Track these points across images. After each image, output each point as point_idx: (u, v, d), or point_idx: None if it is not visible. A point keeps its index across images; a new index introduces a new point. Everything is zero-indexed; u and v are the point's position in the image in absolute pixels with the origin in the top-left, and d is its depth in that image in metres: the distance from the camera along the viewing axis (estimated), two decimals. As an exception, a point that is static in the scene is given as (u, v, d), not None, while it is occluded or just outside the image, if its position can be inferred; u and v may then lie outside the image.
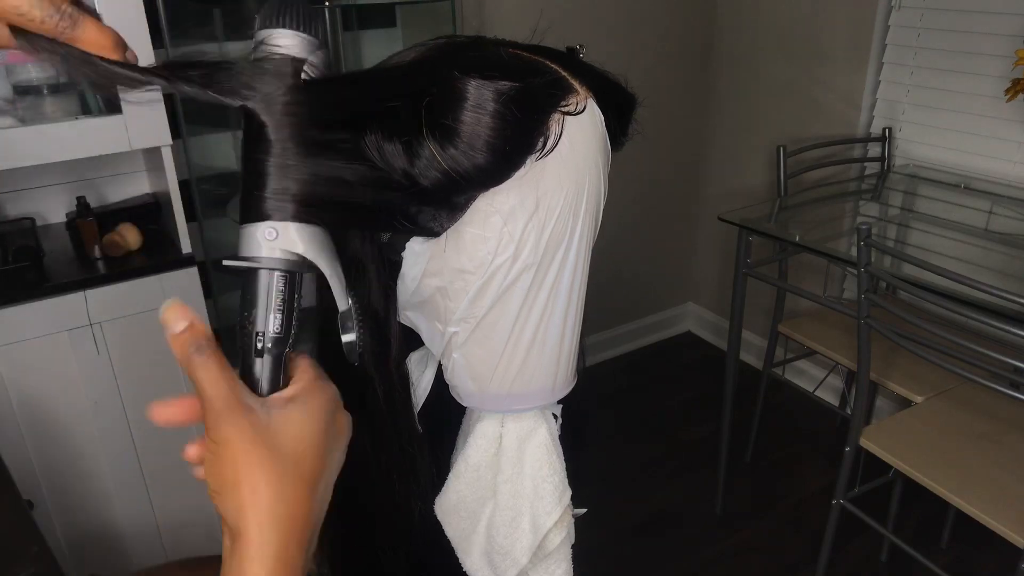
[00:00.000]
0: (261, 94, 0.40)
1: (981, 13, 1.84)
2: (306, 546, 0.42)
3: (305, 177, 0.42)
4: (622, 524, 2.02)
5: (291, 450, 0.41)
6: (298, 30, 0.43)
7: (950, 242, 1.68)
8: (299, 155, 0.41)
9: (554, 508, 0.57)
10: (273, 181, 0.41)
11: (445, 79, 0.45)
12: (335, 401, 0.44)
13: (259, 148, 0.41)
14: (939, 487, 1.38)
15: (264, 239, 0.42)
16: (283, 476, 0.40)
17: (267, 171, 0.41)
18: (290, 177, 0.41)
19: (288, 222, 0.42)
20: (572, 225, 0.51)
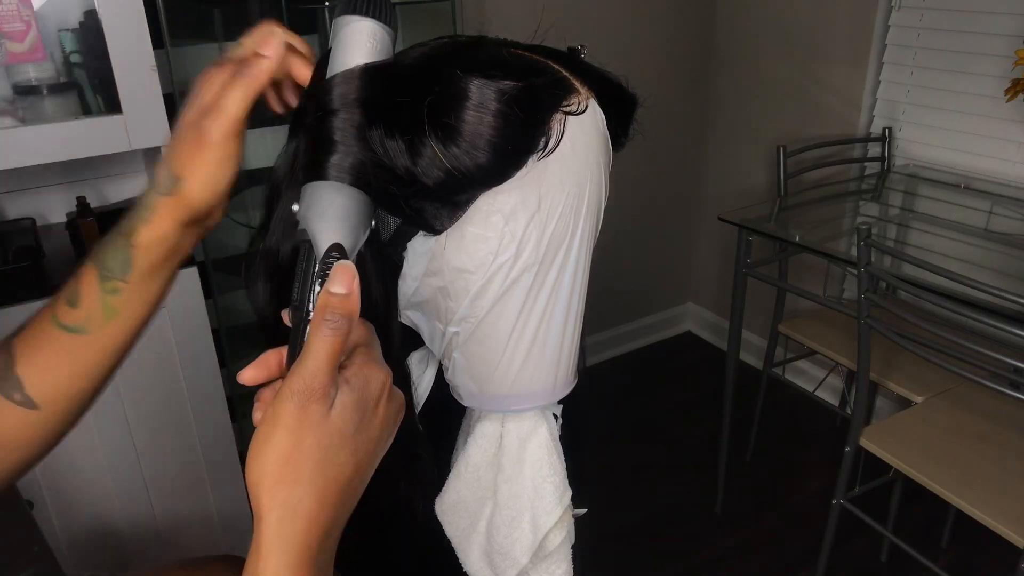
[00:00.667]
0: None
1: (981, 13, 1.84)
2: (330, 538, 0.42)
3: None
4: (622, 524, 2.02)
5: (338, 450, 0.41)
6: (379, 20, 0.47)
7: (950, 242, 1.68)
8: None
9: (554, 508, 0.57)
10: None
11: (448, 78, 0.45)
12: (384, 388, 0.44)
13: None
14: (939, 487, 1.38)
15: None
16: (319, 476, 0.40)
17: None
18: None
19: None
20: (573, 225, 0.51)
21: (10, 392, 0.55)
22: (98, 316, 0.53)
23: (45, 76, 1.45)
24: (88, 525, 1.57)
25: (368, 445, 0.43)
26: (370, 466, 0.44)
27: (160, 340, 1.53)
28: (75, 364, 0.55)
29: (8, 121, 1.39)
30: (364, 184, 0.46)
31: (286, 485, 0.39)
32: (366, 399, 0.42)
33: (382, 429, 0.44)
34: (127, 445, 1.55)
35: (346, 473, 0.42)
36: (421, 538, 0.64)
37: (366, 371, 0.43)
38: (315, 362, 0.40)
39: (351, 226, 0.45)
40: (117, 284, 0.53)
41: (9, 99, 1.43)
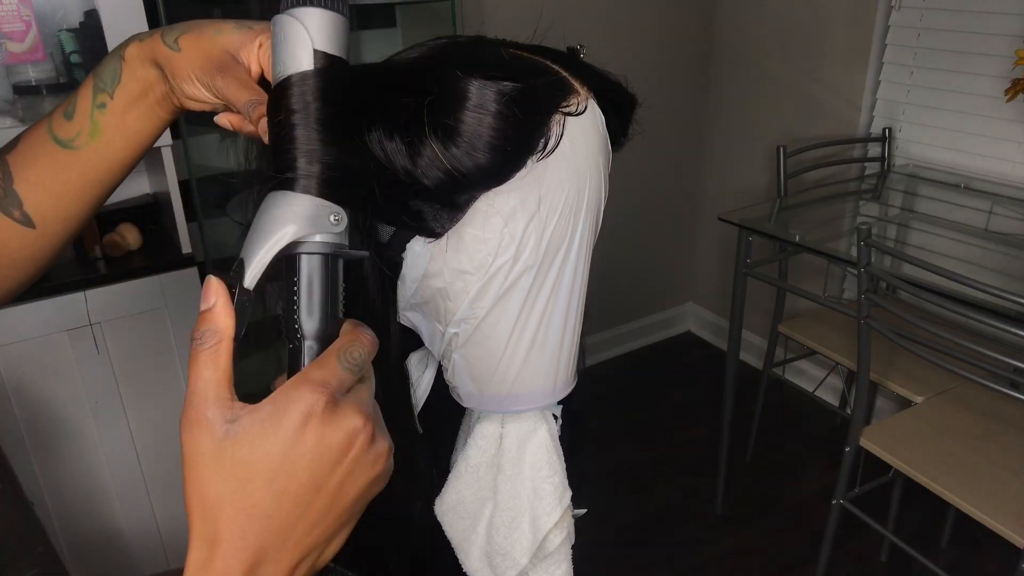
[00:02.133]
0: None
1: (981, 13, 1.84)
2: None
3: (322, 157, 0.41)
4: (622, 524, 2.02)
5: (241, 473, 0.36)
6: (327, 7, 0.42)
7: (950, 242, 1.68)
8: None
9: (554, 508, 0.57)
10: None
11: (447, 79, 0.45)
12: (305, 413, 0.36)
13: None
14: (939, 487, 1.38)
15: None
16: (221, 499, 0.36)
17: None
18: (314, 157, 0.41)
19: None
20: (573, 226, 0.51)
21: (10, 209, 0.55)
22: (86, 132, 0.53)
23: (45, 76, 1.45)
24: (88, 526, 1.57)
25: (303, 478, 0.36)
26: (314, 500, 0.37)
27: (160, 340, 1.53)
28: (65, 184, 0.55)
29: (8, 121, 1.39)
30: (329, 192, 0.41)
31: (191, 516, 0.37)
32: (279, 426, 0.36)
33: (318, 460, 0.36)
34: (127, 446, 1.55)
35: (261, 505, 0.36)
36: (420, 539, 0.64)
37: (286, 393, 0.37)
38: (190, 389, 0.37)
39: (267, 239, 0.40)
40: (105, 98, 0.52)
41: (9, 99, 1.43)
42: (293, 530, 0.37)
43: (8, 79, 1.41)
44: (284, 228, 0.40)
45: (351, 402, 0.38)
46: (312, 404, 0.36)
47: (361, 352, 0.40)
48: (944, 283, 1.33)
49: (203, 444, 0.36)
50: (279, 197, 0.41)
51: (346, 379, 0.38)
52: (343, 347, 0.39)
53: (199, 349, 0.38)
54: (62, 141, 0.54)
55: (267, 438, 0.36)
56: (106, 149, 0.54)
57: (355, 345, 0.40)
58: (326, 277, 0.42)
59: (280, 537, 0.36)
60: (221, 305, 0.39)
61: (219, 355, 0.38)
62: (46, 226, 0.56)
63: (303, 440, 0.36)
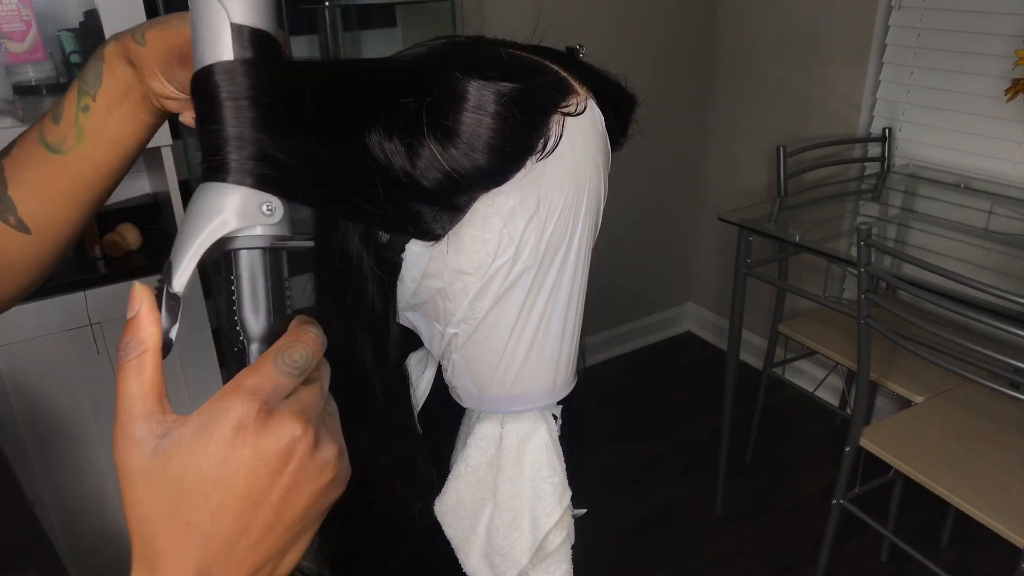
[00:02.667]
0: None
1: (981, 13, 1.84)
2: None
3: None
4: (622, 524, 2.02)
5: (173, 491, 0.34)
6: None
7: (950, 242, 1.68)
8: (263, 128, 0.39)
9: (554, 509, 0.57)
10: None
11: (446, 80, 0.45)
12: (236, 424, 0.34)
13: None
14: (939, 487, 1.38)
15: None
16: (155, 518, 0.34)
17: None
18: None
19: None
20: (572, 226, 0.51)
21: (6, 215, 0.54)
22: (72, 136, 0.53)
23: (45, 76, 1.45)
24: (88, 526, 1.57)
25: (240, 493, 0.34)
26: (255, 515, 0.35)
27: (160, 340, 1.53)
28: (56, 189, 0.54)
29: (8, 121, 1.39)
30: (258, 181, 0.38)
31: (131, 536, 0.36)
32: (210, 439, 0.34)
33: (255, 473, 0.34)
34: (127, 445, 1.55)
35: (197, 522, 0.34)
36: (420, 539, 0.64)
37: (216, 404, 0.34)
38: (117, 404, 0.35)
39: (194, 237, 0.38)
40: (88, 101, 0.52)
41: (9, 99, 1.43)
42: (236, 547, 0.35)
43: (8, 79, 1.41)
44: (211, 224, 0.38)
45: (288, 408, 0.35)
46: (243, 413, 0.34)
47: (303, 353, 0.37)
48: (944, 283, 1.33)
49: (133, 462, 0.34)
50: (207, 190, 0.38)
51: (284, 383, 0.36)
52: (281, 348, 0.37)
53: (123, 361, 0.35)
54: (51, 146, 0.53)
55: (198, 452, 0.34)
56: (92, 153, 0.53)
57: (296, 345, 0.37)
58: (265, 273, 0.39)
59: (223, 555, 0.34)
60: (144, 312, 0.36)
61: (144, 366, 0.36)
62: (41, 231, 0.56)
63: (237, 453, 0.34)
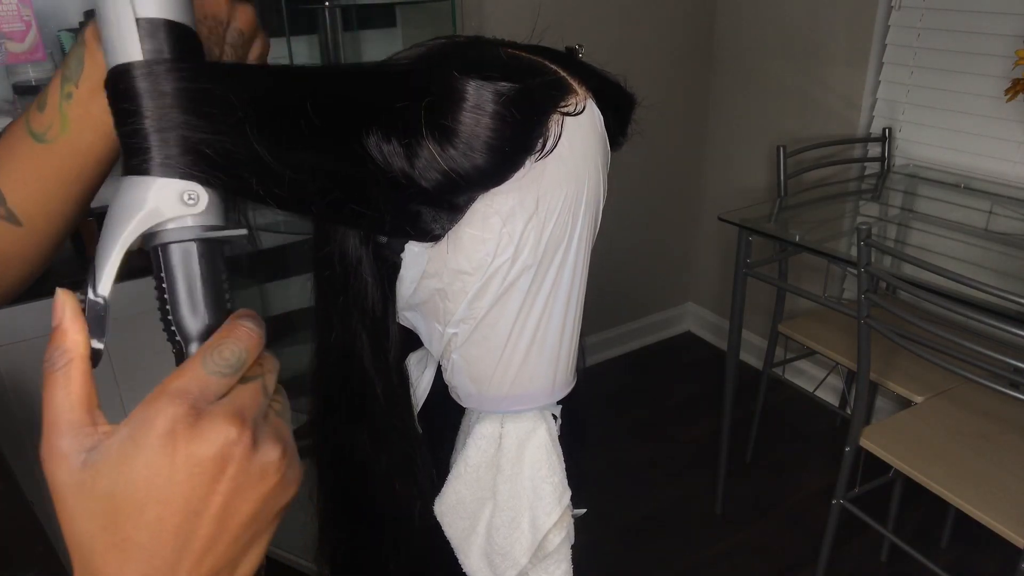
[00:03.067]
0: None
1: (981, 13, 1.84)
2: None
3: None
4: (622, 524, 2.02)
5: (106, 507, 0.32)
6: None
7: (950, 242, 1.68)
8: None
9: (554, 508, 0.57)
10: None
11: (445, 80, 0.45)
12: (165, 431, 0.32)
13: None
14: (939, 487, 1.38)
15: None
16: (91, 537, 0.32)
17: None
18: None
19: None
20: (572, 226, 0.51)
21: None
22: (56, 124, 0.51)
23: (45, 76, 1.45)
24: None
25: (176, 505, 0.32)
26: (196, 526, 0.33)
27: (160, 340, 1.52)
28: (44, 179, 0.53)
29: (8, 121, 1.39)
30: (175, 169, 0.36)
31: (71, 555, 0.33)
32: (138, 449, 0.32)
33: (189, 482, 0.32)
34: (127, 445, 1.55)
35: (135, 539, 0.32)
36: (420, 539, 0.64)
37: (141, 411, 0.33)
38: (44, 418, 0.33)
39: (113, 238, 0.37)
40: (71, 87, 0.50)
41: (9, 99, 1.43)
42: (180, 561, 0.32)
43: (8, 79, 1.41)
44: (130, 221, 0.36)
45: (221, 410, 0.33)
46: (171, 419, 0.32)
47: (235, 349, 0.35)
48: (944, 283, 1.33)
49: (61, 478, 0.32)
50: (123, 184, 0.36)
51: (212, 384, 0.34)
52: (211, 346, 0.35)
53: (50, 372, 0.34)
54: (36, 134, 0.52)
55: (127, 463, 0.32)
56: (77, 141, 0.52)
57: (227, 342, 0.35)
58: (198, 266, 0.37)
59: (166, 570, 0.32)
60: (68, 320, 0.35)
61: (70, 376, 0.34)
62: (32, 223, 0.55)
63: (167, 461, 0.32)
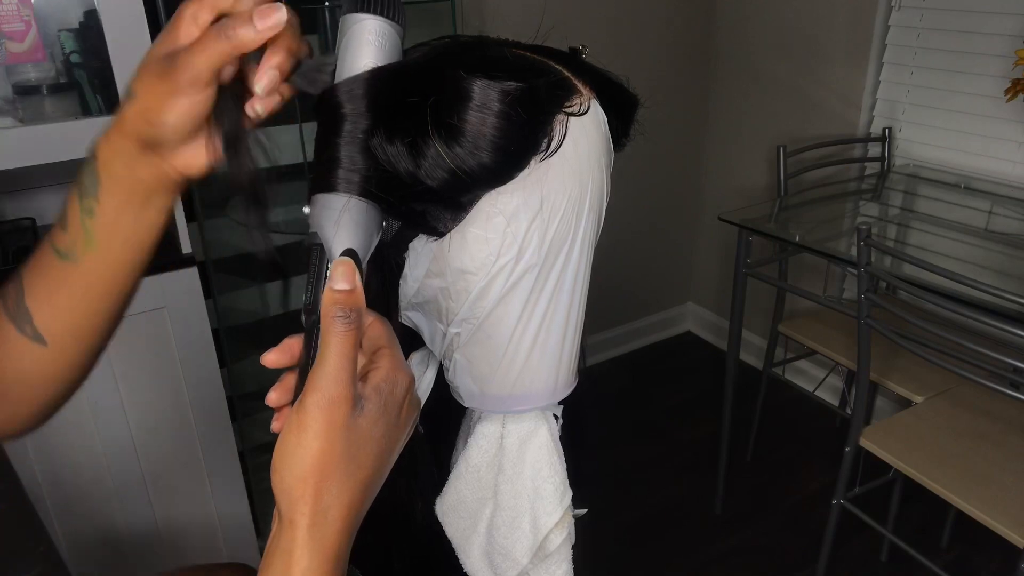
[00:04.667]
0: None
1: (981, 13, 1.84)
2: (352, 537, 0.43)
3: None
4: (622, 524, 2.02)
5: (365, 453, 0.42)
6: (387, 17, 0.46)
7: (950, 242, 1.68)
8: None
9: (555, 509, 0.57)
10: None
11: (450, 79, 0.45)
12: (408, 391, 0.44)
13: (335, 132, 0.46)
14: (939, 487, 1.38)
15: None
16: (348, 479, 0.41)
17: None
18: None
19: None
20: (575, 226, 0.51)
21: (22, 325, 0.53)
22: (80, 240, 0.51)
23: (45, 76, 1.45)
24: (87, 526, 1.57)
25: (390, 445, 0.44)
26: (389, 466, 0.45)
27: (160, 340, 1.53)
28: (71, 297, 0.53)
29: (8, 121, 1.39)
30: (370, 194, 0.46)
31: (318, 491, 0.40)
32: (392, 403, 0.43)
33: (403, 430, 0.45)
34: (127, 445, 1.55)
35: (371, 475, 0.43)
36: (421, 538, 0.64)
37: (393, 376, 0.43)
38: (333, 366, 0.40)
39: (363, 234, 0.46)
40: (91, 203, 0.50)
41: (9, 99, 1.43)
42: (370, 486, 0.44)
43: (8, 79, 1.41)
44: (376, 237, 0.47)
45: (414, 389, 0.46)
46: (407, 389, 0.44)
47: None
48: (944, 283, 1.33)
49: (340, 418, 0.40)
50: (366, 204, 0.46)
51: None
52: (393, 342, 0.46)
53: (345, 324, 0.41)
54: (61, 252, 0.51)
55: (381, 420, 0.43)
56: (105, 255, 0.51)
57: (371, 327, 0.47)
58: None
59: (362, 492, 0.43)
60: (361, 290, 0.43)
61: (358, 337, 0.42)
62: (57, 343, 0.54)
63: (400, 415, 0.44)
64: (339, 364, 0.40)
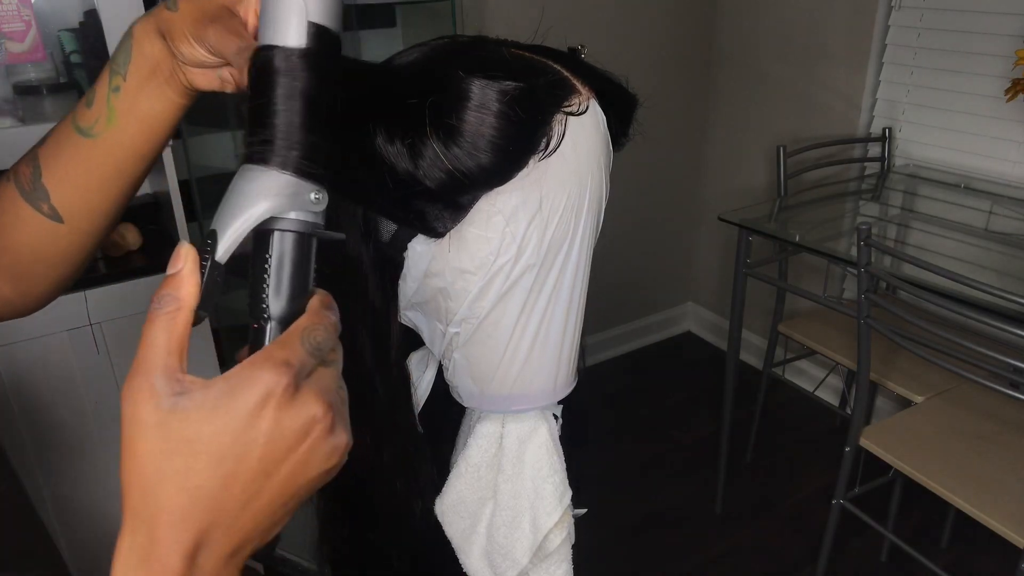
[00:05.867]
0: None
1: (981, 13, 1.84)
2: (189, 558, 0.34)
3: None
4: (622, 524, 2.02)
5: (186, 451, 0.33)
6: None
7: (950, 242, 1.68)
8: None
9: (554, 508, 0.57)
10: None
11: (449, 79, 0.45)
12: (264, 394, 0.34)
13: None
14: (939, 487, 1.38)
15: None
16: (162, 477, 0.33)
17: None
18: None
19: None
20: (574, 225, 0.51)
21: (39, 203, 0.54)
22: (103, 118, 0.52)
23: (45, 76, 1.45)
24: (89, 525, 1.57)
25: (252, 463, 0.34)
26: (263, 487, 0.35)
27: (160, 340, 1.53)
28: (88, 175, 0.54)
29: (8, 121, 1.39)
30: (310, 172, 0.40)
31: (127, 493, 0.34)
32: (233, 405, 0.34)
33: (271, 446, 0.34)
34: (127, 445, 1.55)
35: (206, 487, 0.34)
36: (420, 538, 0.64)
37: (245, 372, 0.34)
38: (140, 354, 0.35)
39: (242, 212, 0.39)
40: (119, 81, 0.51)
41: (9, 99, 1.43)
42: (240, 516, 0.35)
43: (8, 79, 1.41)
44: (261, 203, 0.39)
45: (313, 388, 0.35)
46: (272, 385, 0.34)
47: (325, 335, 0.37)
48: (944, 283, 1.33)
49: (147, 415, 0.34)
50: (256, 171, 0.39)
51: (308, 362, 0.36)
52: (307, 327, 0.37)
53: (156, 312, 0.35)
54: (83, 130, 0.52)
55: (219, 417, 0.33)
56: (121, 135, 0.52)
57: (319, 327, 0.37)
58: (298, 256, 0.40)
59: (226, 521, 0.34)
60: (187, 272, 0.36)
61: (176, 322, 0.35)
62: (73, 221, 0.55)
63: (258, 423, 0.34)
64: (144, 355, 0.35)
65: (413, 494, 0.62)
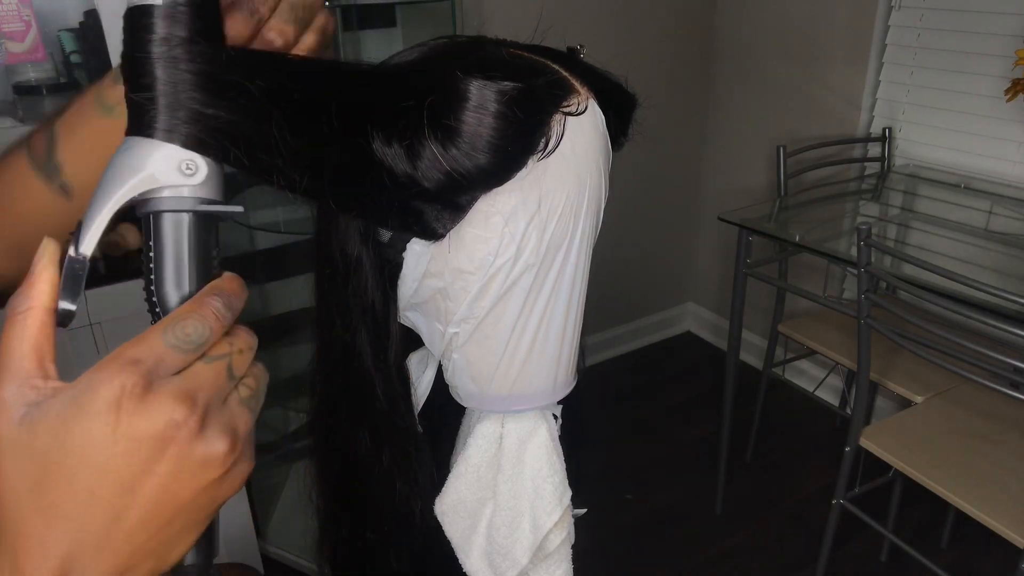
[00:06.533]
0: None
1: (981, 13, 1.84)
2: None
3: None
4: (622, 524, 2.02)
5: (38, 467, 0.30)
6: None
7: (950, 242, 1.68)
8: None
9: (554, 508, 0.57)
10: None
11: (447, 79, 0.45)
12: (112, 399, 0.30)
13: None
14: (939, 487, 1.38)
15: None
16: (18, 498, 0.30)
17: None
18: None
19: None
20: (573, 226, 0.51)
21: (51, 177, 0.51)
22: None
23: (45, 76, 1.45)
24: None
25: (110, 478, 0.30)
26: (129, 504, 0.31)
27: (160, 340, 1.53)
28: (104, 153, 0.52)
29: (8, 121, 1.39)
30: (181, 137, 0.36)
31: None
32: (79, 414, 0.30)
33: (127, 456, 0.30)
34: (127, 445, 1.55)
35: (62, 506, 0.30)
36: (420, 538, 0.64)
37: (91, 374, 0.31)
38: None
39: (104, 195, 0.36)
40: None
41: (9, 99, 1.43)
42: (108, 537, 0.31)
43: (8, 79, 1.41)
44: (124, 183, 0.35)
45: (170, 387, 0.31)
46: (119, 387, 0.30)
47: (198, 326, 0.33)
48: (944, 283, 1.33)
49: (1, 429, 0.30)
50: (124, 143, 0.35)
51: (169, 357, 0.32)
52: (175, 318, 0.33)
53: (11, 315, 0.33)
54: (107, 106, 0.50)
55: (66, 427, 0.30)
56: None
57: (192, 317, 0.33)
58: (177, 238, 0.35)
59: (93, 544, 0.31)
60: (40, 268, 0.34)
61: (26, 324, 0.33)
62: (78, 199, 0.53)
63: (108, 431, 0.30)
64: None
65: (413, 494, 0.62)
